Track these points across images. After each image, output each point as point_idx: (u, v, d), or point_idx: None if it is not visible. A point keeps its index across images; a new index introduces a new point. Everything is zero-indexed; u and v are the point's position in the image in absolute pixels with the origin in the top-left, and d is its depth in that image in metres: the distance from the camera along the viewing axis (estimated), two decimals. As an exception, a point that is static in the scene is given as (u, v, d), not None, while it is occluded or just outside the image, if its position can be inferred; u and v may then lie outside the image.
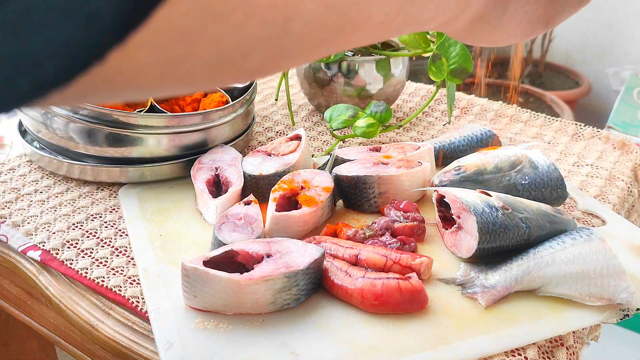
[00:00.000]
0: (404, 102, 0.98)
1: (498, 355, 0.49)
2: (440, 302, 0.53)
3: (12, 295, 0.66)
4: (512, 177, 0.65)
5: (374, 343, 0.49)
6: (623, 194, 0.75)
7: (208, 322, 0.50)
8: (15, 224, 0.64)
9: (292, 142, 0.71)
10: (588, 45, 2.34)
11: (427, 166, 0.67)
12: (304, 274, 0.51)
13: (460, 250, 0.58)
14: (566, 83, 2.30)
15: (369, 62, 0.84)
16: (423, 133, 0.87)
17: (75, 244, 0.61)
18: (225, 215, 0.59)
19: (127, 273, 0.57)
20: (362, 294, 0.51)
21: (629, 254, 0.61)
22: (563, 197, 0.65)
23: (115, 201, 0.68)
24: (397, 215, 0.62)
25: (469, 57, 0.78)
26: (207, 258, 0.51)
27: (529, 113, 0.93)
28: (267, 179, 0.66)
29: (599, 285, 0.53)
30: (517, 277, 0.54)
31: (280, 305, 0.51)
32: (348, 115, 0.77)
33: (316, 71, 0.85)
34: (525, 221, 0.57)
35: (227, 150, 0.72)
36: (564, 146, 0.84)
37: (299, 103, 0.96)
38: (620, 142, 0.84)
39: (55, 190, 0.70)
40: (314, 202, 0.61)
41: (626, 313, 0.53)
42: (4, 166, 0.74)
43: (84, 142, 0.67)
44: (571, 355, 0.51)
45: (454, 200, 0.59)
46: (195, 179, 0.66)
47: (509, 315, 0.52)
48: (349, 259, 0.55)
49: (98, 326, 0.54)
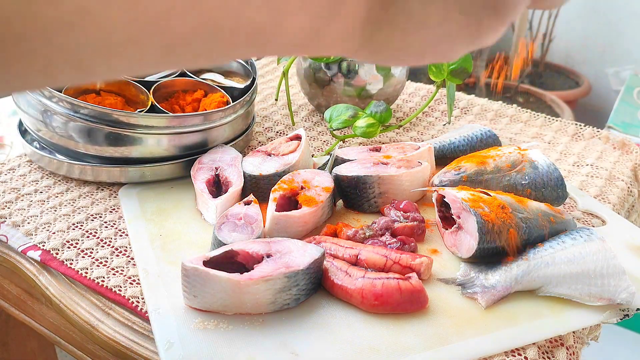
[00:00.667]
0: (404, 102, 0.98)
1: (498, 355, 0.49)
2: (440, 302, 0.53)
3: (12, 295, 0.66)
4: (512, 177, 0.65)
5: (374, 343, 0.49)
6: (623, 194, 0.75)
7: (208, 322, 0.50)
8: (15, 224, 0.64)
9: (292, 142, 0.71)
10: (588, 45, 2.34)
11: (427, 166, 0.67)
12: (304, 274, 0.51)
13: (460, 250, 0.58)
14: (566, 83, 2.30)
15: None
16: (423, 133, 0.87)
17: (75, 244, 0.61)
18: (225, 215, 0.59)
19: (127, 273, 0.57)
20: (362, 294, 0.51)
21: (629, 254, 0.61)
22: (563, 197, 0.65)
23: (115, 201, 0.68)
24: (397, 215, 0.62)
25: (469, 57, 0.78)
26: (207, 258, 0.51)
27: (529, 113, 0.93)
28: (267, 179, 0.66)
29: (599, 285, 0.53)
30: (517, 277, 0.54)
31: (280, 305, 0.51)
32: (348, 115, 0.77)
33: (316, 71, 0.85)
34: (525, 221, 0.57)
35: (227, 150, 0.72)
36: (564, 146, 0.84)
37: (299, 103, 0.96)
38: (620, 142, 0.84)
39: (55, 190, 0.70)
40: (314, 202, 0.61)
41: (626, 313, 0.53)
42: (4, 166, 0.74)
43: (84, 141, 0.67)
44: (571, 355, 0.51)
45: (454, 200, 0.59)
46: (195, 179, 0.66)
47: (509, 315, 0.52)
48: (349, 259, 0.55)
49: (98, 326, 0.54)
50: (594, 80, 2.29)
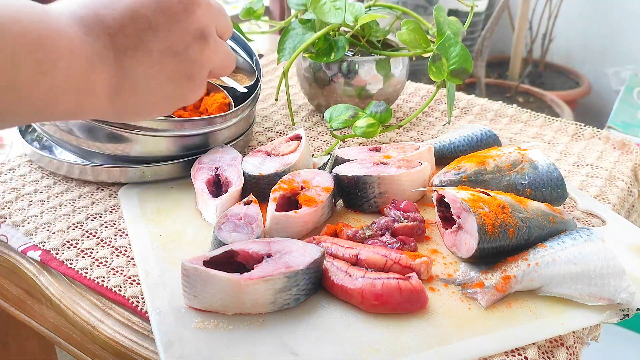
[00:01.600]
0: (404, 102, 0.98)
1: (498, 355, 0.49)
2: (440, 302, 0.53)
3: (12, 295, 0.66)
4: (512, 177, 0.65)
5: (374, 343, 0.49)
6: (623, 194, 0.75)
7: (208, 322, 0.50)
8: (15, 224, 0.64)
9: (292, 142, 0.71)
10: (588, 45, 2.34)
11: (427, 166, 0.67)
12: (304, 274, 0.51)
13: (460, 250, 0.59)
14: (566, 83, 2.30)
15: (369, 62, 0.84)
16: (423, 133, 0.87)
17: (75, 244, 0.61)
18: (225, 215, 0.59)
19: (127, 273, 0.57)
20: (362, 294, 0.51)
21: (629, 254, 0.61)
22: (563, 197, 0.65)
23: (115, 201, 0.68)
24: (397, 215, 0.62)
25: (469, 57, 0.78)
26: (207, 258, 0.51)
27: (529, 113, 0.93)
28: (267, 179, 0.66)
29: (599, 285, 0.53)
30: (517, 277, 0.54)
31: (280, 305, 0.51)
32: (348, 115, 0.77)
33: (316, 71, 0.85)
34: (525, 221, 0.57)
35: (227, 150, 0.72)
36: (564, 146, 0.84)
37: (299, 103, 0.96)
38: (620, 142, 0.84)
39: (55, 190, 0.70)
40: (314, 202, 0.61)
41: (626, 313, 0.53)
42: (4, 166, 0.74)
43: (85, 137, 0.67)
44: (571, 355, 0.51)
45: (454, 200, 0.59)
46: (195, 179, 0.66)
47: (509, 315, 0.52)
48: (349, 259, 0.55)
49: (98, 326, 0.54)
50: (594, 80, 2.30)
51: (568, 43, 2.35)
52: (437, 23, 0.79)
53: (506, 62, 2.31)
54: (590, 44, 2.32)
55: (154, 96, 0.42)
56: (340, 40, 0.81)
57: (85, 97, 0.38)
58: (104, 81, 0.38)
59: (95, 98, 0.38)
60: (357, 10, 0.82)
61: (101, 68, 0.38)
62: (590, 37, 2.31)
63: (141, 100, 0.41)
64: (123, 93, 0.40)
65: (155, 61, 0.40)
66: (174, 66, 0.41)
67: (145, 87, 0.41)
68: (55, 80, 0.35)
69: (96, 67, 0.38)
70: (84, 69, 0.37)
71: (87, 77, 0.37)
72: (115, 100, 0.40)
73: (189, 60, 0.42)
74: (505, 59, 2.33)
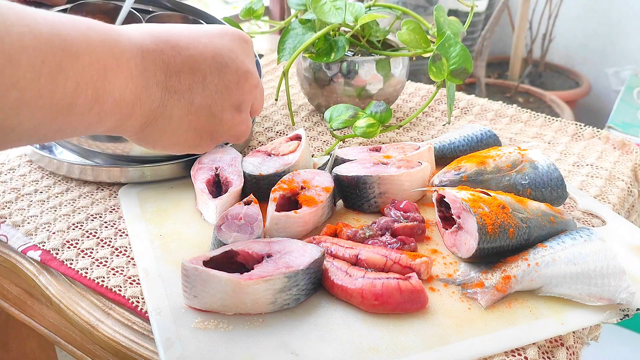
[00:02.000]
0: (404, 102, 0.98)
1: (498, 355, 0.49)
2: (440, 302, 0.53)
3: (12, 295, 0.66)
4: (512, 177, 0.65)
5: (374, 343, 0.49)
6: (623, 194, 0.75)
7: (208, 322, 0.50)
8: (15, 224, 0.64)
9: (292, 142, 0.71)
10: (588, 45, 2.34)
11: (427, 166, 0.67)
12: (304, 274, 0.51)
13: (460, 250, 0.59)
14: (566, 83, 2.30)
15: (369, 62, 0.84)
16: (423, 133, 0.87)
17: (75, 244, 0.61)
18: (225, 215, 0.59)
19: (127, 273, 0.57)
20: (362, 294, 0.51)
21: (629, 254, 0.61)
22: (563, 197, 0.65)
23: (115, 201, 0.68)
24: (397, 215, 0.62)
25: (469, 57, 0.78)
26: (207, 258, 0.51)
27: (529, 113, 0.93)
28: (267, 179, 0.66)
29: (599, 285, 0.53)
30: (517, 277, 0.54)
31: (280, 305, 0.51)
32: (348, 115, 0.77)
33: (316, 71, 0.85)
34: (526, 221, 0.57)
35: (227, 150, 0.72)
36: (564, 146, 0.84)
37: (299, 103, 0.96)
38: (620, 142, 0.84)
39: (55, 190, 0.70)
40: (314, 202, 0.61)
41: (626, 313, 0.53)
42: (4, 166, 0.74)
43: (85, 137, 0.67)
44: (571, 355, 0.51)
45: (454, 200, 0.59)
46: (195, 179, 0.66)
47: (509, 315, 0.52)
48: (349, 259, 0.55)
49: (98, 326, 0.54)
50: (594, 80, 2.30)
51: (568, 43, 2.36)
52: (437, 23, 0.79)
53: (506, 62, 2.31)
54: (590, 44, 2.33)
55: (176, 139, 0.46)
56: (340, 40, 0.81)
57: (124, 121, 0.41)
58: (144, 112, 0.42)
59: (131, 122, 0.42)
60: (357, 10, 0.82)
61: (146, 100, 0.42)
62: (590, 37, 2.31)
63: (164, 137, 0.45)
64: (154, 125, 0.44)
65: (193, 112, 0.45)
66: (205, 122, 0.46)
67: (173, 129, 0.45)
68: (105, 107, 0.38)
69: (143, 98, 0.41)
70: (132, 99, 0.40)
71: (132, 106, 0.41)
72: (145, 129, 0.44)
73: (219, 123, 0.47)
74: (505, 59, 2.33)
